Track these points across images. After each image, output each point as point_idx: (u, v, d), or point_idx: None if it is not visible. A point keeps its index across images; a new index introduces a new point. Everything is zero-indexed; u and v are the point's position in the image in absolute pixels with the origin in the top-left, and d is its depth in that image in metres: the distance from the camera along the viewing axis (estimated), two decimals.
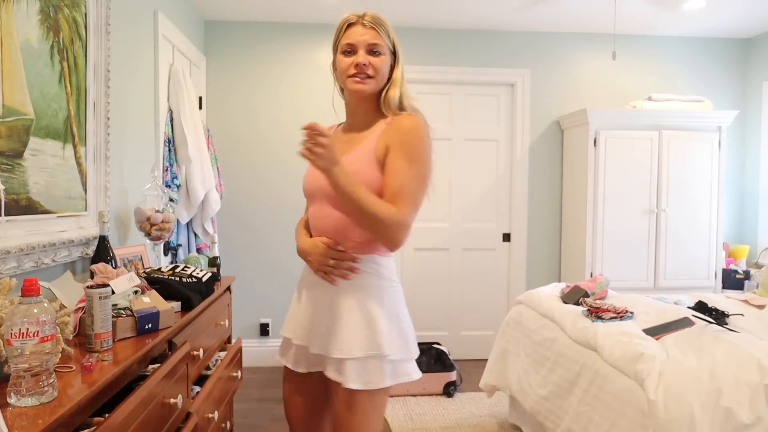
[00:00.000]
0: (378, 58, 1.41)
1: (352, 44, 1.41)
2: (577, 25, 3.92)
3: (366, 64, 1.39)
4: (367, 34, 1.40)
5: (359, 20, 1.41)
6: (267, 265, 3.91)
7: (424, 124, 1.40)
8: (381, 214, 1.31)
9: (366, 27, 1.40)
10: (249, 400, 3.27)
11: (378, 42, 1.40)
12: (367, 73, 1.40)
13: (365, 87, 1.40)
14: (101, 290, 1.35)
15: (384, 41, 1.41)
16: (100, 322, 1.34)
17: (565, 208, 4.04)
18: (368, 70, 1.39)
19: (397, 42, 1.45)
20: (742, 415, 1.65)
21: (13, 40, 1.51)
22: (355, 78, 1.40)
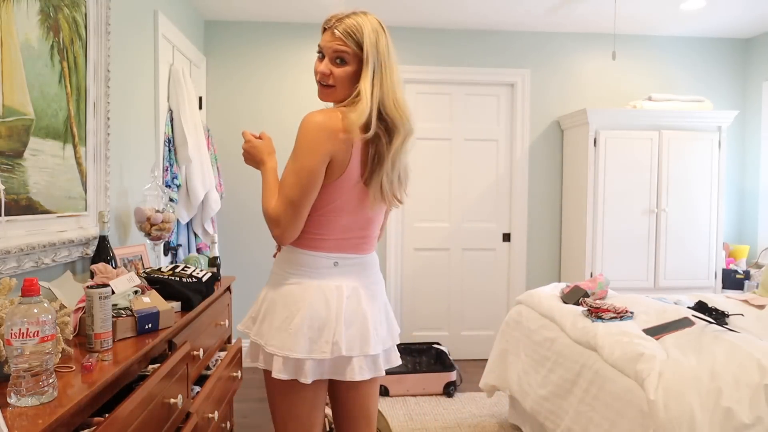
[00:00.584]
0: (340, 67, 1.37)
1: (321, 48, 1.40)
2: (577, 25, 3.92)
3: (327, 73, 1.37)
4: (334, 42, 1.37)
5: (333, 26, 1.38)
6: (267, 265, 3.90)
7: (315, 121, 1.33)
8: (263, 207, 1.39)
9: (334, 34, 1.37)
10: (249, 400, 3.27)
11: (344, 49, 1.35)
12: (328, 83, 1.39)
13: (325, 97, 1.41)
14: (101, 290, 1.35)
15: (351, 49, 1.35)
16: (100, 322, 1.34)
17: (565, 208, 4.04)
18: (328, 80, 1.38)
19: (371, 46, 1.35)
20: (742, 415, 1.65)
21: (13, 40, 1.51)
22: (319, 84, 1.41)
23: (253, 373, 3.73)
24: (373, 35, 1.36)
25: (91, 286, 1.39)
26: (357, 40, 1.35)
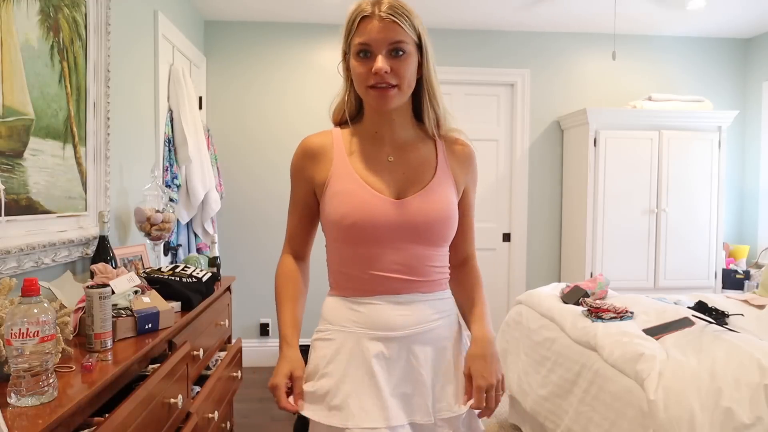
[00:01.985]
0: (402, 60, 1.08)
1: (367, 44, 1.08)
2: (577, 25, 3.92)
3: (388, 71, 1.07)
4: (386, 30, 1.07)
5: (375, 11, 1.08)
6: (267, 265, 3.90)
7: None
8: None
9: (384, 21, 1.07)
10: (249, 400, 3.27)
11: (401, 38, 1.07)
12: (389, 83, 1.08)
13: (390, 102, 1.10)
14: (101, 290, 1.35)
15: (409, 35, 1.08)
16: (100, 322, 1.34)
17: (565, 208, 4.04)
18: (391, 79, 1.08)
19: (423, 30, 1.12)
20: (742, 415, 1.65)
21: (13, 40, 1.51)
22: (375, 89, 1.09)
23: (253, 373, 3.73)
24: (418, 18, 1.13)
25: (91, 286, 1.39)
26: (411, 21, 1.10)
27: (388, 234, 1.10)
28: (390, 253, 1.11)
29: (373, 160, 1.16)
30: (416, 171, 1.15)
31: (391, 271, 1.11)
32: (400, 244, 1.11)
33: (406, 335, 1.11)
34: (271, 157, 3.87)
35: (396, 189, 1.13)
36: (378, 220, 1.10)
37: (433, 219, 1.12)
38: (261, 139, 3.89)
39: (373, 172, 1.14)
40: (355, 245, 1.12)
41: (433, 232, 1.13)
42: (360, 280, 1.13)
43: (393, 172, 1.15)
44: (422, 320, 1.13)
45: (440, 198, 1.14)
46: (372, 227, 1.10)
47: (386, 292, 1.12)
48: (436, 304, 1.16)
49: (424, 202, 1.12)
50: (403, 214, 1.11)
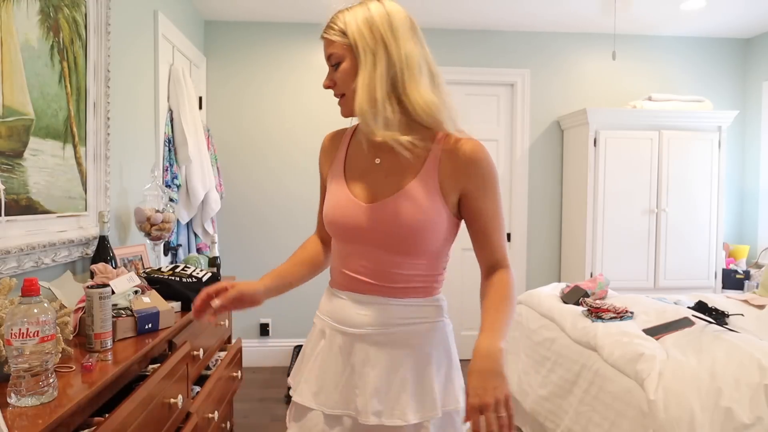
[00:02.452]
0: (338, 71, 1.13)
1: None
2: (577, 25, 3.92)
3: (330, 85, 1.15)
4: (325, 47, 1.15)
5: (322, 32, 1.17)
6: (267, 265, 3.90)
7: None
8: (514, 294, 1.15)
9: (324, 38, 1.15)
10: (249, 400, 3.27)
11: (331, 51, 1.13)
12: (336, 95, 1.16)
13: (345, 110, 1.15)
14: (101, 290, 1.35)
15: (339, 45, 1.11)
16: (100, 322, 1.34)
17: (565, 208, 4.04)
18: (336, 90, 1.15)
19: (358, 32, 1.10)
20: (742, 415, 1.65)
21: (13, 40, 1.51)
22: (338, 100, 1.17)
23: (253, 373, 3.73)
24: (360, 15, 1.11)
25: (91, 286, 1.39)
26: (341, 31, 1.12)
27: (356, 237, 1.13)
28: (357, 255, 1.14)
29: (362, 161, 1.17)
30: (396, 175, 1.11)
31: (357, 272, 1.14)
32: (366, 247, 1.12)
33: (361, 334, 1.12)
34: (271, 157, 3.87)
35: (372, 192, 1.12)
36: (347, 222, 1.13)
37: (398, 225, 1.08)
38: (261, 139, 3.89)
39: (357, 174, 1.16)
40: (336, 241, 1.20)
41: (398, 238, 1.09)
42: (337, 272, 1.20)
43: (375, 175, 1.14)
44: (380, 323, 1.12)
45: (411, 204, 1.08)
46: (343, 229, 1.14)
47: (353, 290, 1.15)
48: (405, 310, 1.13)
49: (392, 207, 1.08)
50: (370, 219, 1.10)
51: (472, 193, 1.12)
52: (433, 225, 1.09)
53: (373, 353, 1.11)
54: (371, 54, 1.09)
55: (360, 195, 1.13)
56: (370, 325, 1.12)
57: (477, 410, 0.93)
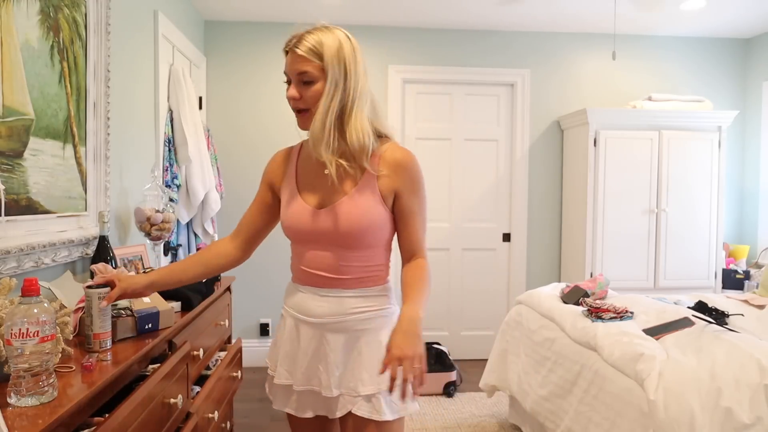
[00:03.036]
0: (308, 88, 1.25)
1: (286, 74, 1.30)
2: (577, 25, 3.92)
3: (297, 97, 1.27)
4: (294, 62, 1.26)
5: (290, 45, 1.28)
6: (267, 265, 3.91)
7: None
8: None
9: (294, 53, 1.26)
10: (249, 400, 3.27)
11: (305, 69, 1.24)
12: (300, 107, 1.28)
13: (304, 123, 1.29)
14: (101, 290, 1.35)
15: (315, 64, 1.24)
16: (99, 322, 1.34)
17: (565, 208, 4.04)
18: (301, 104, 1.27)
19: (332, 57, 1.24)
20: (742, 415, 1.65)
21: (13, 40, 1.51)
22: (295, 112, 1.30)
23: (253, 373, 3.73)
24: (334, 43, 1.26)
25: (90, 285, 1.39)
26: (319, 53, 1.25)
27: (310, 238, 1.32)
28: (313, 254, 1.33)
29: (312, 172, 1.35)
30: (341, 183, 1.29)
31: (315, 268, 1.33)
32: (320, 246, 1.31)
33: (320, 323, 1.33)
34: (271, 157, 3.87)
35: (322, 199, 1.31)
36: (301, 226, 1.32)
37: (346, 226, 1.27)
38: (261, 139, 3.89)
39: (308, 185, 1.34)
40: (293, 243, 1.38)
41: (347, 237, 1.28)
42: (297, 270, 1.38)
43: (324, 183, 1.31)
44: (336, 312, 1.32)
45: (356, 207, 1.27)
46: (300, 232, 1.33)
47: (311, 284, 1.34)
48: (357, 301, 1.33)
49: (334, 214, 1.28)
50: (320, 222, 1.29)
51: (402, 192, 1.32)
52: (374, 223, 1.29)
53: (332, 338, 1.32)
54: (335, 84, 1.25)
55: (311, 202, 1.32)
56: (328, 315, 1.32)
57: (396, 360, 1.12)
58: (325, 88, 1.24)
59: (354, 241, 1.29)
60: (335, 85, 1.25)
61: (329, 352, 1.32)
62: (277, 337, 1.43)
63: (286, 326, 1.39)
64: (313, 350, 1.34)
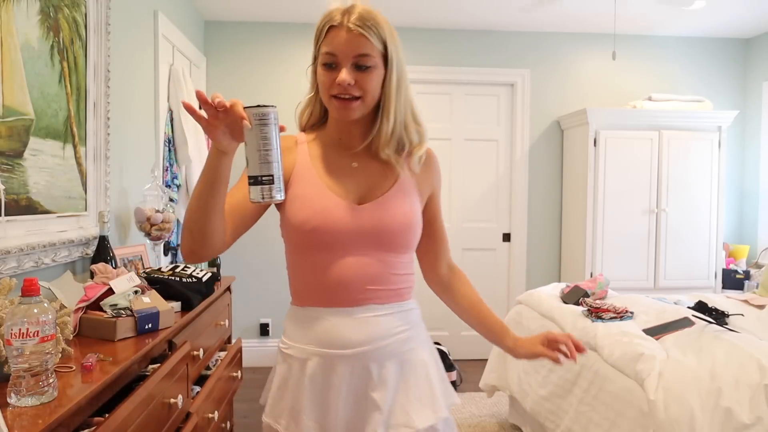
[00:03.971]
0: (366, 73, 1.06)
1: (333, 55, 1.07)
2: (577, 25, 3.92)
3: (351, 83, 1.05)
4: (352, 43, 1.04)
5: (343, 21, 1.05)
6: (267, 265, 3.91)
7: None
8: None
9: (351, 32, 1.04)
10: (249, 400, 3.27)
11: (367, 52, 1.05)
12: (352, 94, 1.07)
13: (352, 113, 1.08)
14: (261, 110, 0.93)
15: (375, 48, 1.06)
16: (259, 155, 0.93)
17: (565, 208, 4.04)
18: (354, 91, 1.06)
19: (392, 41, 1.08)
20: (742, 415, 1.65)
21: (13, 40, 1.51)
22: (338, 99, 1.08)
23: (253, 373, 3.73)
24: (387, 24, 1.09)
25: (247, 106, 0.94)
26: (379, 34, 1.06)
27: (348, 239, 1.07)
28: (350, 259, 1.07)
29: (336, 165, 1.14)
30: (378, 178, 1.13)
31: (350, 279, 1.07)
32: (360, 249, 1.08)
33: (361, 353, 1.07)
34: None
35: (357, 195, 1.11)
36: (338, 225, 1.07)
37: (392, 225, 1.09)
38: None
39: (335, 177, 1.12)
40: (315, 251, 1.08)
41: (393, 237, 1.10)
42: (315, 288, 1.09)
43: (355, 178, 1.13)
44: (379, 335, 1.08)
45: (400, 205, 1.11)
46: (332, 232, 1.06)
47: (343, 304, 1.08)
48: (397, 318, 1.12)
49: (382, 209, 1.09)
50: (363, 220, 1.08)
51: (435, 194, 1.23)
52: (418, 221, 1.15)
53: (377, 369, 1.08)
54: (397, 74, 1.10)
55: (346, 197, 1.10)
56: (370, 341, 1.07)
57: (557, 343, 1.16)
58: (391, 75, 1.09)
59: (404, 242, 1.12)
60: (397, 76, 1.10)
61: (376, 388, 1.07)
62: (280, 384, 1.12)
63: (307, 370, 1.08)
64: (356, 390, 1.08)
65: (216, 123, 0.94)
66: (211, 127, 0.95)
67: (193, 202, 1.01)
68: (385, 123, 1.10)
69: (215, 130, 0.95)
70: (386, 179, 1.14)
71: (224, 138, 0.96)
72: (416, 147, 1.16)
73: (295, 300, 1.15)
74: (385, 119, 1.10)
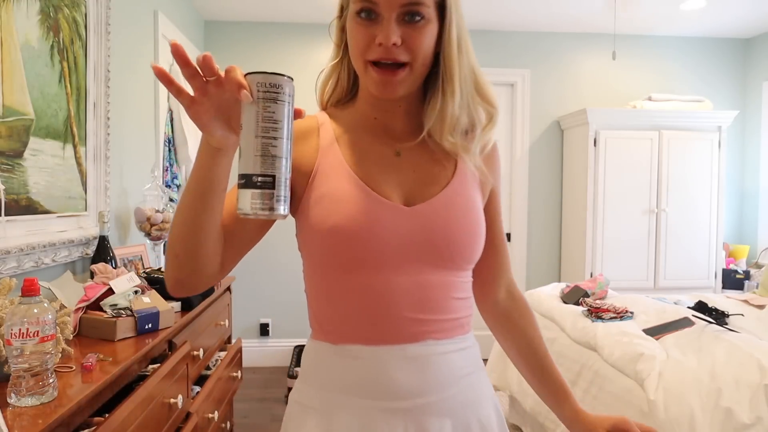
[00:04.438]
0: (419, 28, 0.77)
1: (373, 3, 0.76)
2: (577, 25, 3.92)
3: (398, 43, 0.76)
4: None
5: None
6: (267, 265, 3.91)
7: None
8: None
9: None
10: (249, 400, 3.27)
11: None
12: (398, 59, 0.77)
13: (397, 88, 0.79)
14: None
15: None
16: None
17: (565, 208, 4.04)
18: (401, 55, 0.76)
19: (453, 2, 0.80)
20: (742, 415, 1.65)
21: (13, 40, 1.51)
22: (379, 68, 0.78)
23: (253, 373, 3.73)
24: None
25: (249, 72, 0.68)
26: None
27: (396, 252, 0.79)
28: (398, 280, 0.79)
29: (374, 154, 0.84)
30: (431, 169, 0.84)
31: (400, 305, 0.79)
32: (411, 265, 0.79)
33: (417, 405, 0.79)
34: None
35: (405, 193, 0.82)
36: (384, 233, 0.78)
37: (454, 232, 0.81)
38: None
39: (373, 170, 0.82)
40: (350, 270, 0.79)
41: (456, 248, 0.81)
42: (355, 319, 0.80)
43: (400, 170, 0.84)
44: (438, 380, 0.80)
45: (461, 205, 0.83)
46: (376, 243, 0.78)
47: (391, 339, 0.79)
48: (461, 357, 0.84)
49: (440, 210, 0.81)
50: (415, 225, 0.79)
51: (496, 191, 0.93)
52: (484, 227, 0.86)
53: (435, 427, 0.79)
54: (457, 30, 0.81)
55: (392, 196, 0.81)
56: (426, 391, 0.79)
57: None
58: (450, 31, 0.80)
59: (469, 253, 0.83)
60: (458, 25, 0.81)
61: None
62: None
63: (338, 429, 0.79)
64: None
65: (204, 101, 0.64)
66: (197, 107, 0.64)
67: (178, 219, 0.73)
68: (449, 99, 0.82)
69: (204, 112, 0.64)
70: (441, 172, 0.85)
71: (218, 126, 0.66)
72: (486, 128, 0.88)
73: (321, 334, 0.84)
74: (448, 93, 0.82)
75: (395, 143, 0.86)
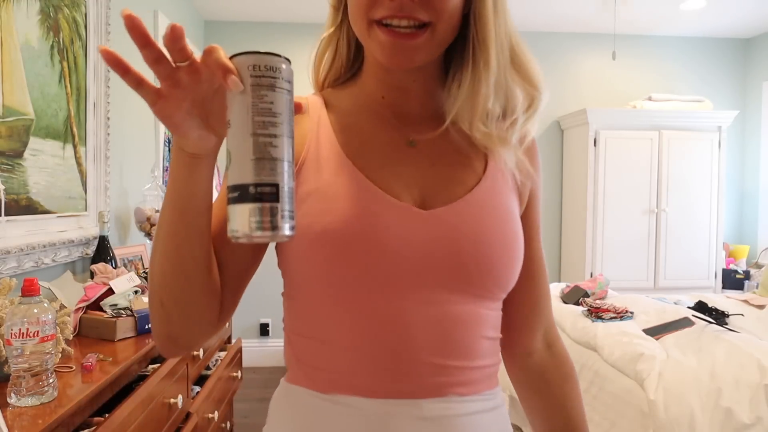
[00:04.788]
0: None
1: None
2: (577, 25, 3.92)
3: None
4: None
5: None
6: (267, 265, 3.88)
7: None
8: None
9: None
10: (249, 400, 3.27)
11: None
12: (417, 18, 0.58)
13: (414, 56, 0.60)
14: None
15: None
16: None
17: (565, 208, 4.04)
18: (420, 13, 0.57)
19: None
20: (742, 415, 1.65)
21: (13, 40, 1.51)
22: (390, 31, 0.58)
23: (253, 373, 3.73)
24: None
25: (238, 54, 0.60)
26: None
27: (410, 271, 0.58)
28: (414, 310, 0.58)
29: (379, 142, 0.65)
30: (454, 164, 0.64)
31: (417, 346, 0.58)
32: (431, 291, 0.58)
33: None
34: None
35: (419, 192, 0.62)
36: (393, 242, 0.58)
37: (492, 245, 0.60)
38: None
39: (378, 162, 0.63)
40: (346, 291, 0.58)
41: (493, 269, 0.60)
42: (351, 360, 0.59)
43: (414, 163, 0.64)
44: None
45: (499, 210, 0.63)
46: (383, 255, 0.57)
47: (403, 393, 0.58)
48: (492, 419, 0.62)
49: (470, 215, 0.61)
50: (438, 236, 0.59)
51: (535, 194, 0.71)
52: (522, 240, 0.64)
53: None
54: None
55: (403, 195, 0.61)
56: None
57: None
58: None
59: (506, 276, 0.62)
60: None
61: None
62: None
63: None
64: None
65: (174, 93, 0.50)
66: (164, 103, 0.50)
67: (157, 255, 0.56)
68: (482, 73, 0.61)
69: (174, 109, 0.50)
70: (468, 169, 0.65)
71: (193, 125, 0.51)
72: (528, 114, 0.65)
73: (303, 379, 0.62)
74: (482, 66, 0.61)
75: (408, 130, 0.65)
